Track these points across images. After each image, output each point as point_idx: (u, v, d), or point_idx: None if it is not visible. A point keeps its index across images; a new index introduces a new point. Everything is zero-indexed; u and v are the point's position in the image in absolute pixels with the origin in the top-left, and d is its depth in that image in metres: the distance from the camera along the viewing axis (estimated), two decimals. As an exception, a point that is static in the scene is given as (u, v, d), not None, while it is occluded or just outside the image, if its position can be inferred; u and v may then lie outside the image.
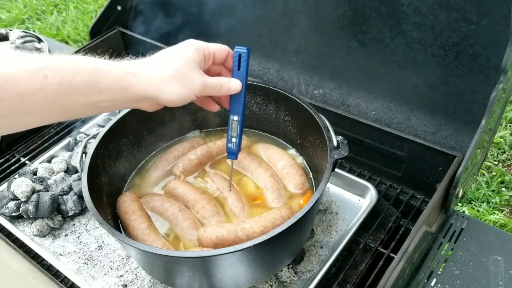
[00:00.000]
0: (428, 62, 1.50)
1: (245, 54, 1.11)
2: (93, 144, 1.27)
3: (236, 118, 1.18)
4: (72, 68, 0.87)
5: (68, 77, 0.86)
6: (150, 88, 0.97)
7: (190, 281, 1.15)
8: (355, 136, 1.67)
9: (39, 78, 0.82)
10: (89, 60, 0.92)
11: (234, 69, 1.12)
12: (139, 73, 0.96)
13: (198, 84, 1.02)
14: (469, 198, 2.67)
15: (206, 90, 1.05)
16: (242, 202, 1.33)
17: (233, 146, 1.23)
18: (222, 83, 1.08)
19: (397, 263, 1.17)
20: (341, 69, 1.74)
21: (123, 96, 0.94)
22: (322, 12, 1.66)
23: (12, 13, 4.77)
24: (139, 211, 1.28)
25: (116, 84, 0.92)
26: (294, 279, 1.29)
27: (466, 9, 1.34)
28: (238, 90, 1.12)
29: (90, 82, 0.89)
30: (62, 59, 0.88)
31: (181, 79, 0.99)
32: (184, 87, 1.00)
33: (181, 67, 1.00)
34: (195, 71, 1.02)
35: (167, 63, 1.00)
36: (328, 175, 1.12)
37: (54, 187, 1.54)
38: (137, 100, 0.98)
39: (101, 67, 0.91)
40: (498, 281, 1.25)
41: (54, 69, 0.84)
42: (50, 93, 0.84)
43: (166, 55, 1.03)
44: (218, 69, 1.16)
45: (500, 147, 2.97)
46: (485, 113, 1.28)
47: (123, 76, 0.93)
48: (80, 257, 1.40)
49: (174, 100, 1.00)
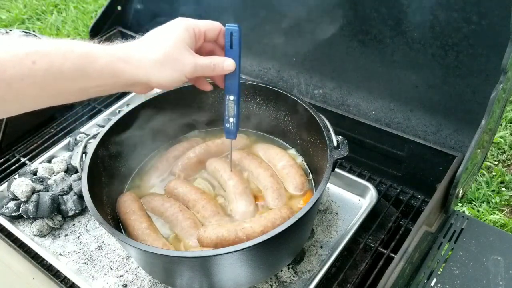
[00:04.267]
0: (428, 62, 1.50)
1: (237, 32, 1.07)
2: (93, 144, 1.27)
3: (232, 97, 1.16)
4: (61, 54, 0.85)
5: (57, 63, 0.85)
6: (140, 73, 0.96)
7: (190, 281, 1.15)
8: (355, 136, 1.67)
9: (27, 64, 0.81)
10: (79, 45, 0.90)
11: (227, 47, 1.09)
12: (128, 58, 0.95)
13: (188, 66, 1.00)
14: (469, 198, 2.67)
15: (198, 71, 1.03)
16: (244, 184, 1.33)
17: (231, 126, 1.22)
18: (216, 63, 1.06)
19: (397, 263, 1.17)
20: (341, 69, 1.74)
21: (113, 82, 0.94)
22: (322, 13, 1.66)
23: (12, 13, 4.77)
24: (139, 211, 1.28)
25: (105, 70, 0.91)
26: (294, 279, 1.29)
27: (466, 9, 1.34)
28: (232, 70, 1.10)
29: (80, 68, 0.88)
30: (52, 44, 0.86)
31: (171, 63, 0.98)
32: (174, 71, 0.99)
33: (171, 50, 0.98)
34: (185, 52, 1.00)
35: (157, 45, 0.98)
36: (328, 175, 1.12)
37: (54, 187, 1.54)
38: (128, 85, 0.98)
39: (91, 52, 0.90)
40: (498, 281, 1.25)
41: (43, 54, 0.83)
42: (38, 79, 0.83)
43: (155, 37, 1.01)
44: (211, 46, 1.13)
45: (500, 147, 2.97)
46: (485, 113, 1.28)
47: (113, 62, 0.92)
48: (80, 257, 1.40)
49: (165, 84, 1.00)
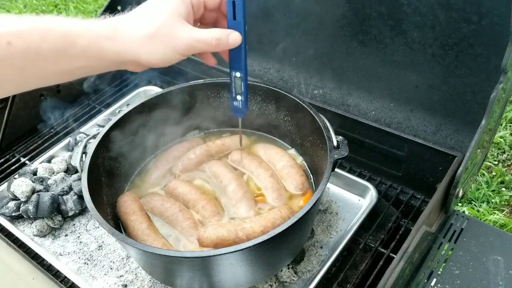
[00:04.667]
0: (428, 62, 1.50)
1: (240, 1, 0.95)
2: (93, 144, 1.27)
3: (239, 74, 1.07)
4: (39, 34, 0.79)
5: (34, 44, 0.78)
6: (128, 51, 0.87)
7: (190, 281, 1.15)
8: (355, 136, 1.67)
9: (2, 45, 0.75)
10: (60, 23, 0.83)
11: (229, 19, 0.97)
12: (114, 35, 0.86)
13: (183, 42, 0.90)
14: (469, 198, 2.67)
15: (195, 48, 0.92)
16: (243, 188, 1.33)
17: (239, 104, 1.13)
18: (219, 38, 0.93)
19: (397, 263, 1.17)
20: (341, 69, 1.74)
21: (98, 62, 0.87)
22: (322, 12, 1.66)
23: (12, 13, 4.77)
24: (139, 211, 1.28)
25: (88, 50, 0.84)
26: (294, 279, 1.29)
27: (466, 9, 1.34)
28: (239, 43, 0.97)
29: (60, 48, 0.81)
30: (29, 22, 0.79)
31: (162, 38, 0.88)
32: (166, 47, 0.89)
33: (162, 24, 0.88)
34: (180, 26, 0.89)
35: (146, 20, 0.89)
36: (328, 175, 1.12)
37: (54, 187, 1.54)
38: (116, 64, 0.90)
39: (71, 31, 0.82)
40: (498, 281, 1.25)
41: (18, 35, 0.77)
42: (16, 61, 0.77)
43: (146, 9, 0.91)
44: (214, 15, 1.02)
45: (500, 147, 2.97)
46: (485, 113, 1.28)
47: (96, 40, 0.84)
48: (80, 257, 1.40)
49: (156, 62, 0.90)
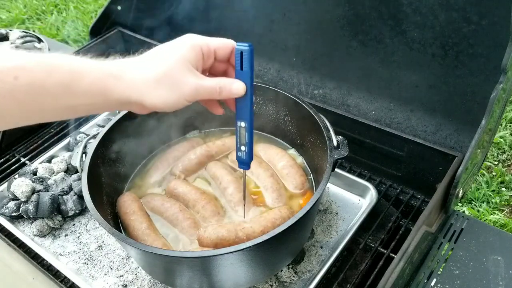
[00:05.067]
0: (428, 62, 1.50)
1: (247, 52, 0.96)
2: (93, 144, 1.27)
3: (244, 124, 1.04)
4: (45, 69, 0.79)
5: (40, 78, 0.78)
6: (133, 92, 0.86)
7: (190, 281, 1.15)
8: (355, 136, 1.67)
9: (9, 80, 0.75)
10: (67, 59, 0.83)
11: (237, 69, 0.98)
12: (121, 74, 0.86)
13: (189, 88, 0.90)
14: (469, 198, 2.67)
15: (200, 94, 0.92)
16: (241, 192, 1.31)
17: (243, 155, 1.11)
18: (223, 86, 0.95)
19: (397, 263, 1.17)
20: (341, 69, 1.74)
21: (103, 100, 0.85)
22: (322, 12, 1.66)
23: (12, 13, 4.77)
24: (139, 211, 1.28)
25: (94, 87, 0.83)
26: (294, 279, 1.29)
27: (466, 9, 1.34)
28: (241, 94, 0.97)
29: (65, 84, 0.80)
30: (38, 58, 0.79)
31: (169, 83, 0.88)
32: (171, 92, 0.89)
33: (170, 69, 0.88)
34: (187, 73, 0.90)
35: (155, 63, 0.89)
36: (328, 175, 1.12)
37: (54, 187, 1.54)
38: (120, 104, 0.88)
39: (79, 67, 0.83)
40: (498, 281, 1.25)
41: (27, 70, 0.77)
42: (20, 96, 0.76)
43: (156, 54, 0.92)
44: (223, 66, 1.02)
45: (500, 147, 2.97)
46: (485, 113, 1.28)
47: (102, 78, 0.84)
48: (80, 257, 1.40)
49: (160, 106, 0.90)
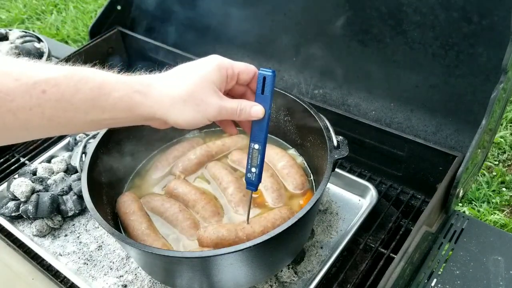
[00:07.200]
0: (429, 62, 1.49)
1: (270, 78, 0.99)
2: (93, 144, 1.27)
3: (257, 146, 1.06)
4: (73, 84, 0.80)
5: (68, 94, 0.79)
6: (158, 109, 0.89)
7: (190, 281, 1.15)
8: (355, 136, 1.66)
9: (36, 94, 0.76)
10: (95, 74, 0.84)
11: (258, 92, 1.01)
12: (147, 91, 0.88)
13: (213, 109, 0.93)
14: (469, 198, 2.67)
15: (222, 115, 0.95)
16: (241, 192, 1.31)
17: (252, 177, 1.10)
18: (243, 108, 0.98)
19: (398, 263, 1.17)
20: (341, 69, 1.74)
21: (128, 116, 0.87)
22: (323, 12, 1.66)
23: (12, 13, 4.77)
24: (139, 211, 1.28)
25: (121, 103, 0.85)
26: (294, 279, 1.29)
27: (466, 9, 1.34)
28: (260, 117, 1.00)
29: (92, 100, 0.82)
30: (65, 71, 0.80)
31: (194, 103, 0.90)
32: (196, 112, 0.91)
33: (196, 89, 0.90)
34: (212, 93, 0.93)
35: (181, 82, 0.91)
36: (328, 175, 1.12)
37: (53, 187, 1.54)
38: (144, 119, 0.91)
39: (106, 84, 0.84)
40: (499, 281, 1.25)
41: (54, 84, 0.77)
42: (47, 110, 0.77)
43: (182, 72, 0.94)
44: (243, 89, 1.06)
45: (500, 147, 2.97)
46: (486, 113, 1.28)
47: (129, 95, 0.86)
48: (80, 257, 1.40)
49: (183, 124, 0.92)
